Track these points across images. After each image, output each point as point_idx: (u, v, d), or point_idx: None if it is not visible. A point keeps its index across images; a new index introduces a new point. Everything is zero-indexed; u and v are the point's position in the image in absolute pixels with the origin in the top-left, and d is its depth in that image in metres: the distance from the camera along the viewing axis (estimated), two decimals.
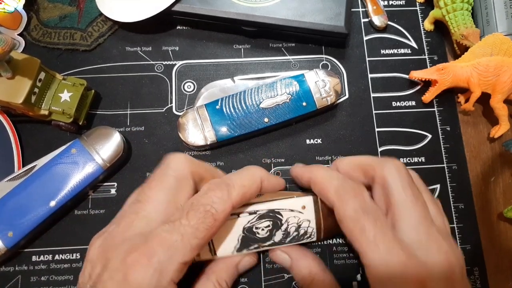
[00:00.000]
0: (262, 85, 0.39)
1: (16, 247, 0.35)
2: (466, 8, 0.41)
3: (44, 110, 0.37)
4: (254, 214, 0.31)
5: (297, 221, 0.32)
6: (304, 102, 0.38)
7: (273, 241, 0.32)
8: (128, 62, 0.42)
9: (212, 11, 0.40)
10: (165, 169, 0.29)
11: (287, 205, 0.32)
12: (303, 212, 0.32)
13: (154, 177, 0.29)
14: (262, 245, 0.32)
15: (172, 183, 0.29)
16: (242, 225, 0.31)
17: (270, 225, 0.31)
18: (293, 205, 0.32)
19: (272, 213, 0.31)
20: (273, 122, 0.38)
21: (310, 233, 0.32)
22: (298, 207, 0.32)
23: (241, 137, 0.38)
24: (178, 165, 0.29)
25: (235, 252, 0.31)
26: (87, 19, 0.43)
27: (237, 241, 0.31)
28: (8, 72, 0.34)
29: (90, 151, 0.36)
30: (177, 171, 0.29)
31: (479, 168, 0.41)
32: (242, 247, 0.31)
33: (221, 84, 0.41)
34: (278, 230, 0.32)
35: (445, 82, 0.40)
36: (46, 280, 0.36)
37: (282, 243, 0.32)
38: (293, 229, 0.32)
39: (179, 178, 0.29)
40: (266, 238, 0.31)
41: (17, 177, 0.36)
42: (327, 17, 0.40)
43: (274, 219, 0.31)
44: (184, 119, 0.38)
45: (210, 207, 0.27)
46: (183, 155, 0.31)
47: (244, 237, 0.31)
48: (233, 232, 0.31)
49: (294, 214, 0.32)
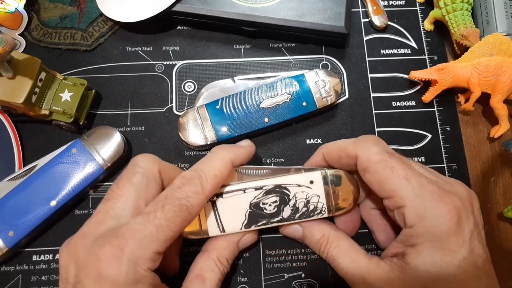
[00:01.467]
0: (262, 85, 0.39)
1: (16, 246, 0.35)
2: (466, 8, 0.41)
3: (45, 110, 0.37)
4: (260, 189, 0.31)
5: (306, 197, 0.31)
6: (304, 102, 0.38)
7: (282, 217, 0.31)
8: (128, 62, 0.42)
9: (212, 11, 0.41)
10: (132, 167, 0.30)
11: (294, 180, 0.31)
12: (312, 187, 0.31)
13: (122, 175, 0.30)
14: (271, 221, 0.31)
15: (141, 179, 0.29)
16: (248, 200, 0.31)
17: (277, 200, 0.31)
18: (300, 180, 0.31)
19: (278, 188, 0.31)
20: (273, 122, 0.38)
21: (320, 208, 0.31)
22: (305, 182, 0.31)
23: (241, 137, 0.38)
24: (145, 163, 0.30)
25: (243, 228, 0.31)
26: (88, 19, 0.43)
27: (244, 217, 0.31)
28: (9, 72, 0.34)
29: (90, 151, 0.36)
30: (145, 168, 0.29)
31: (479, 168, 0.41)
32: (250, 223, 0.31)
33: (221, 84, 0.41)
34: (286, 205, 0.31)
35: (445, 82, 0.40)
36: (47, 279, 0.36)
37: (291, 219, 0.31)
38: (301, 204, 0.31)
39: (147, 175, 0.29)
40: (274, 214, 0.31)
41: (17, 177, 0.36)
42: (327, 17, 0.41)
43: (281, 195, 0.31)
44: (184, 119, 0.38)
45: (186, 201, 0.27)
46: (150, 155, 0.31)
47: (251, 213, 0.31)
48: (240, 208, 0.31)
49: (301, 189, 0.31)
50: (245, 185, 0.31)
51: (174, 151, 0.40)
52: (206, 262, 0.31)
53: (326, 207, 0.32)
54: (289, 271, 0.36)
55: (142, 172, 0.29)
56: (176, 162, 0.39)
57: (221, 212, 0.31)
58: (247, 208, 0.31)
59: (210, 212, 0.31)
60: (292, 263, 0.37)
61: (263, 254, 0.37)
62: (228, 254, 0.32)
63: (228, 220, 0.31)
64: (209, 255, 0.31)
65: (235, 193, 0.31)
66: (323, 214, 0.32)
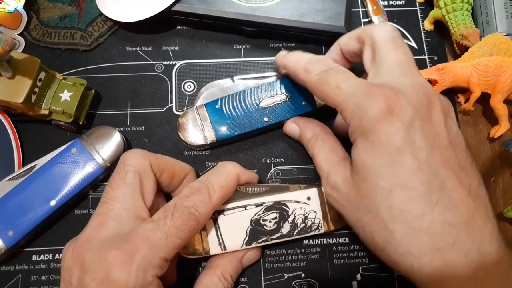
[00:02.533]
0: (262, 85, 0.39)
1: (16, 246, 0.35)
2: (466, 8, 0.41)
3: (44, 109, 0.37)
4: (260, 206, 0.32)
5: (304, 213, 0.33)
6: (304, 102, 0.38)
7: (281, 233, 0.32)
8: (128, 62, 0.42)
9: (212, 11, 0.41)
10: (123, 166, 0.29)
11: (293, 197, 0.33)
12: (309, 204, 0.33)
13: (114, 177, 0.29)
14: (271, 237, 0.32)
15: (133, 177, 0.29)
16: (249, 217, 0.32)
17: (277, 216, 0.32)
18: (298, 197, 0.33)
19: (278, 204, 0.32)
20: (273, 121, 0.38)
21: (317, 224, 0.33)
22: (303, 199, 0.33)
23: (241, 136, 0.38)
24: (135, 160, 0.30)
25: (244, 245, 0.32)
26: (87, 19, 0.43)
27: (245, 234, 0.32)
28: (8, 72, 0.34)
29: (90, 150, 0.36)
30: (135, 165, 0.29)
31: (479, 168, 0.40)
32: (251, 240, 0.32)
33: (221, 83, 0.41)
34: (286, 222, 0.32)
35: (445, 82, 0.40)
36: (47, 279, 0.36)
37: (290, 236, 0.33)
38: (300, 220, 0.33)
39: (139, 172, 0.29)
40: (274, 230, 0.32)
41: (17, 177, 0.36)
42: (327, 17, 0.41)
43: (280, 211, 0.32)
44: (184, 119, 0.38)
45: (194, 209, 0.27)
46: (138, 150, 0.31)
47: (252, 230, 0.32)
48: (241, 225, 0.32)
49: (300, 205, 0.33)
50: (246, 202, 0.32)
51: (174, 151, 0.40)
52: (211, 278, 0.31)
53: (323, 222, 0.33)
54: (289, 271, 0.36)
55: (133, 170, 0.29)
56: None
57: (222, 229, 0.32)
58: (248, 225, 0.32)
59: (211, 229, 0.32)
60: (292, 263, 0.37)
61: (263, 254, 0.36)
62: (232, 270, 0.32)
63: (230, 237, 0.32)
64: (214, 271, 0.31)
65: (237, 210, 0.32)
66: (320, 230, 0.33)
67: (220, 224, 0.32)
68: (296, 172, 0.39)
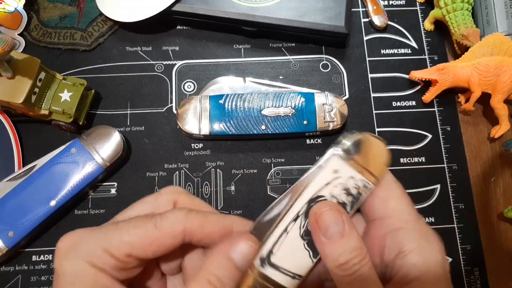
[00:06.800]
0: (270, 93, 0.38)
1: (16, 246, 0.35)
2: (466, 8, 0.41)
3: (44, 110, 0.37)
4: (298, 217, 0.27)
5: (342, 188, 0.27)
6: (306, 121, 0.38)
7: None
8: (128, 62, 0.42)
9: (212, 11, 0.41)
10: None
11: (320, 183, 0.26)
12: (340, 174, 0.26)
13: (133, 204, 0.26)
14: None
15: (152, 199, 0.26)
16: (297, 235, 0.27)
17: None
18: (324, 179, 0.26)
19: (313, 202, 0.27)
20: (270, 131, 0.38)
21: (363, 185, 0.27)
22: (330, 175, 0.26)
23: (235, 137, 0.38)
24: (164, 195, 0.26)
25: (315, 259, 0.26)
26: (87, 19, 0.43)
27: (307, 250, 0.27)
28: (8, 72, 0.34)
29: (90, 150, 0.36)
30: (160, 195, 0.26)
31: (479, 168, 0.41)
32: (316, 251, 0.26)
33: (232, 80, 0.40)
34: None
35: (445, 82, 0.40)
36: (46, 279, 0.36)
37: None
38: (344, 197, 0.27)
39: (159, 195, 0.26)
40: None
41: (17, 177, 0.36)
42: (327, 17, 0.40)
43: None
44: (187, 104, 0.38)
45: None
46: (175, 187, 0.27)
47: (309, 241, 0.26)
48: (297, 248, 0.27)
49: (333, 184, 0.26)
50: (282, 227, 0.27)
51: (173, 151, 0.40)
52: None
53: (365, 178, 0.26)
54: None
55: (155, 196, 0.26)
56: (176, 162, 0.39)
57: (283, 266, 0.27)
58: (302, 242, 0.26)
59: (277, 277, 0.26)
60: None
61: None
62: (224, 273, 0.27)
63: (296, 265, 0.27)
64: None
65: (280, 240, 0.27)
66: (369, 187, 0.27)
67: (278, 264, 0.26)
68: (296, 172, 0.39)
